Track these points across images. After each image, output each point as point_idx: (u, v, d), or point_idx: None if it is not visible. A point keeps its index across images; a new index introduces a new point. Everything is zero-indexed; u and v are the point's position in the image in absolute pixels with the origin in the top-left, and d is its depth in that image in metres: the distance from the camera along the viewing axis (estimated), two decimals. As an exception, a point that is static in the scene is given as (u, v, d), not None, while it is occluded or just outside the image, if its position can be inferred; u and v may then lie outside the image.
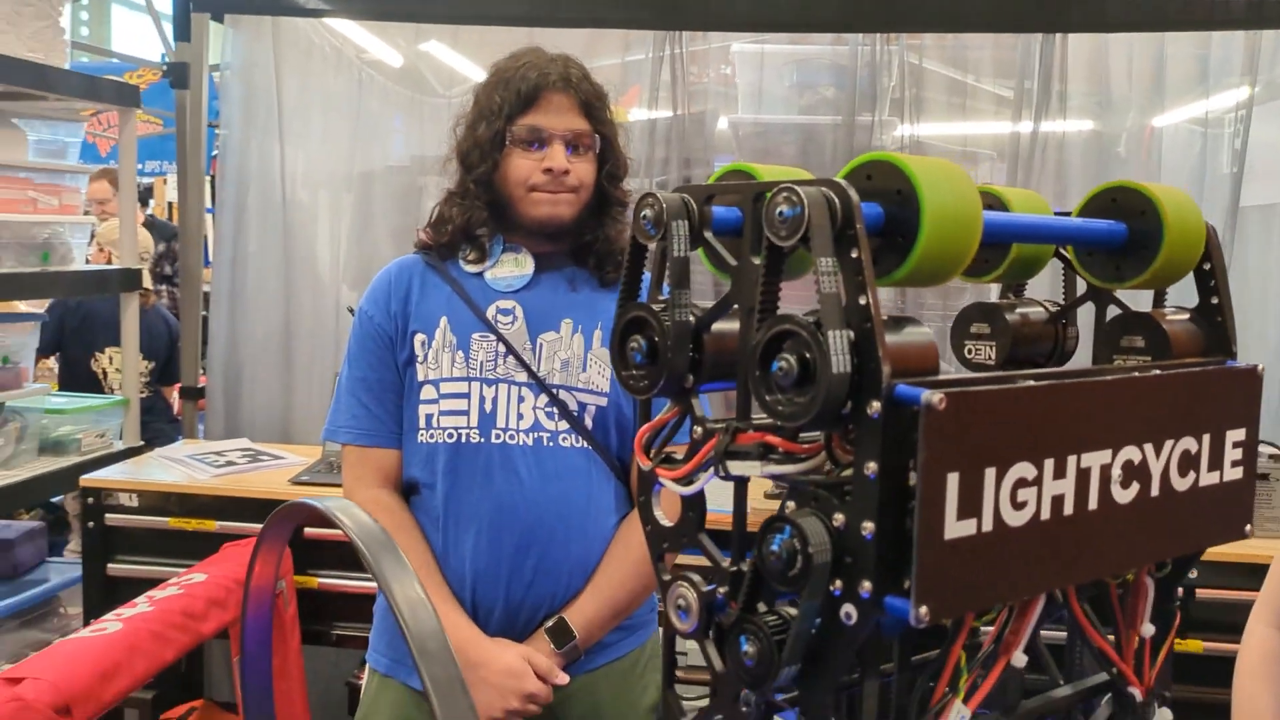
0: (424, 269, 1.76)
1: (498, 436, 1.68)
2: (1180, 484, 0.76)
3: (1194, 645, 2.38)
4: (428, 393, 1.71)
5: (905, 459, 0.61)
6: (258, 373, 3.27)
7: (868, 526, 0.62)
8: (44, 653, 1.82)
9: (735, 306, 0.69)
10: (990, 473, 0.64)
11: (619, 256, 1.75)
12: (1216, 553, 0.94)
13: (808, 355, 0.62)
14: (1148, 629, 0.81)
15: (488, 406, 1.69)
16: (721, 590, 0.70)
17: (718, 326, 0.71)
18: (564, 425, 1.69)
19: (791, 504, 0.66)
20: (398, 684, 1.76)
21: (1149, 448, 0.74)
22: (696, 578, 0.72)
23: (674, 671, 0.82)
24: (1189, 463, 0.77)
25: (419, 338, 1.72)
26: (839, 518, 0.63)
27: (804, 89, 3.13)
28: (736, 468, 0.69)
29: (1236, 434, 0.81)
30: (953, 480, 0.62)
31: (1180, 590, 0.88)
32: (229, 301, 3.26)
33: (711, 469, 0.70)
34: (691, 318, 0.70)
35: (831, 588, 0.63)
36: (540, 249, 1.74)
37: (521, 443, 1.68)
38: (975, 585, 0.64)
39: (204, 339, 3.37)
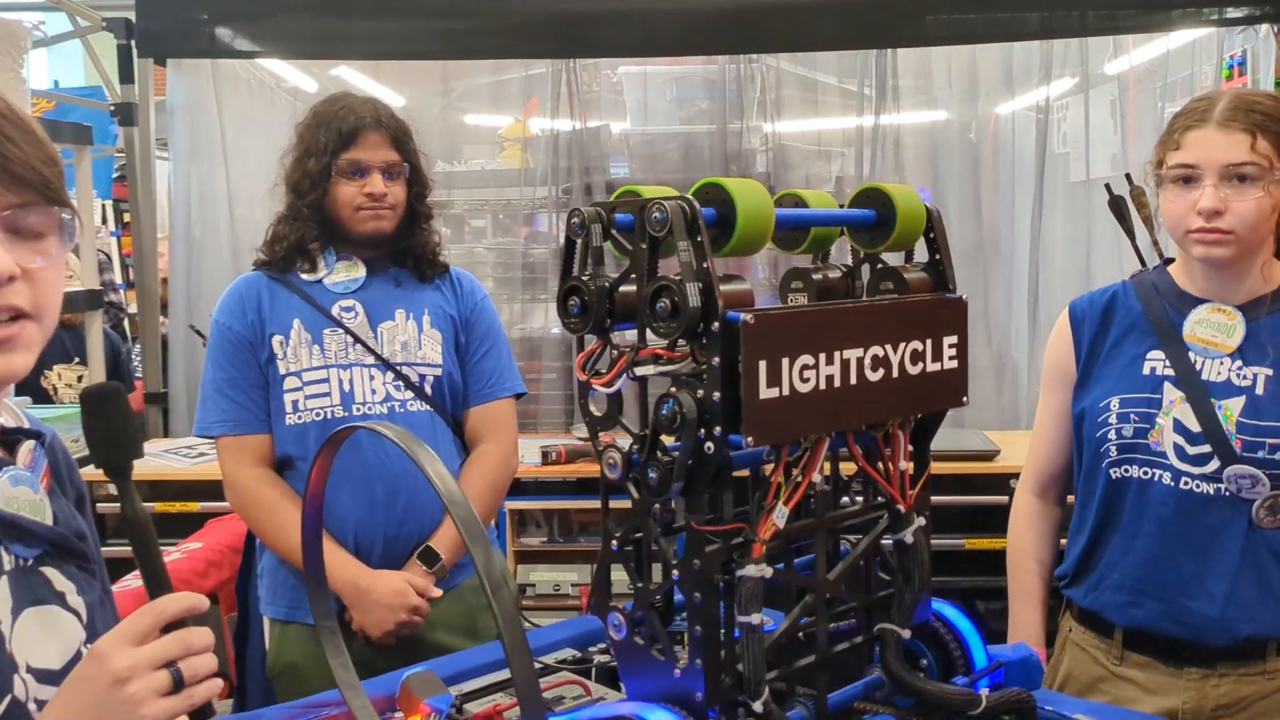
0: (268, 282, 2.19)
1: (358, 410, 2.12)
2: (912, 370, 1.23)
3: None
4: (291, 383, 2.14)
5: (734, 355, 1.07)
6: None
7: (716, 395, 1.07)
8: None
9: (632, 275, 1.14)
10: (785, 360, 1.09)
11: (432, 258, 2.22)
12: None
13: (675, 299, 1.07)
14: (904, 465, 1.28)
15: (346, 387, 2.13)
16: (635, 447, 1.15)
17: (622, 288, 1.16)
18: (409, 394, 2.15)
19: (673, 387, 1.11)
20: (297, 625, 2.16)
21: (889, 347, 1.20)
22: (620, 445, 1.16)
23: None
24: (917, 356, 1.24)
25: (276, 339, 2.14)
26: (700, 392, 1.08)
27: (683, 102, 3.64)
28: (640, 371, 1.14)
29: (951, 339, 1.28)
30: (762, 365, 1.07)
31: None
32: (186, 311, 3.63)
33: (624, 374, 1.15)
34: (606, 283, 1.15)
35: (699, 433, 1.09)
36: (366, 256, 2.19)
37: (378, 412, 2.13)
38: (780, 426, 1.10)
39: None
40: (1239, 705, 1.66)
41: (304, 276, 2.18)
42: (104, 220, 6.78)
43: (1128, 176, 2.30)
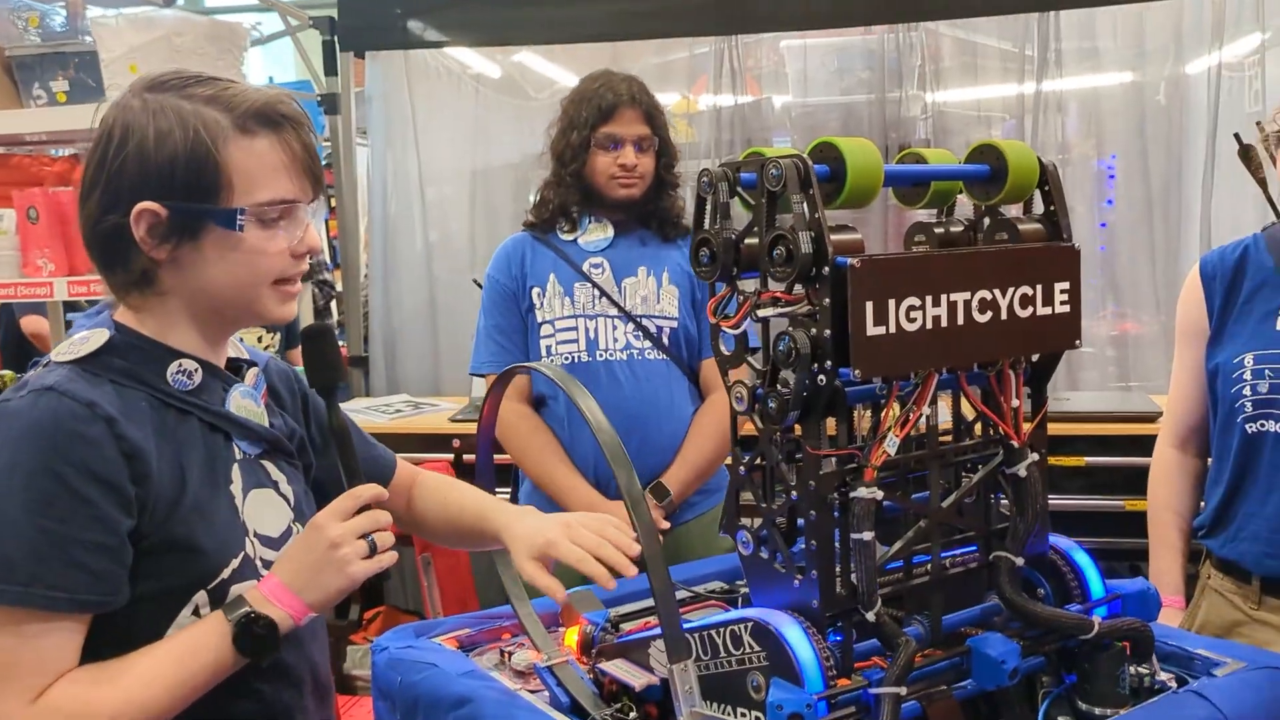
0: (531, 241, 2.46)
1: (600, 356, 2.35)
2: (1022, 313, 1.32)
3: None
4: (546, 330, 2.40)
5: (843, 296, 1.19)
6: (410, 339, 4.00)
7: (827, 332, 1.19)
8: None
9: (755, 227, 1.27)
10: (891, 301, 1.20)
11: (675, 220, 2.41)
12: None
13: (790, 246, 1.20)
14: (1015, 402, 1.37)
15: (591, 335, 2.38)
16: (758, 382, 1.29)
17: (746, 240, 1.29)
18: (648, 344, 2.35)
19: (790, 327, 1.24)
20: None
21: (996, 291, 1.29)
22: (746, 382, 1.30)
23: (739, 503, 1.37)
24: (1027, 300, 1.32)
25: (535, 291, 2.41)
26: (814, 330, 1.21)
27: (844, 73, 3.71)
28: (763, 313, 1.27)
29: (1063, 285, 1.36)
30: (869, 305, 1.19)
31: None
32: (383, 283, 3.98)
33: (749, 317, 1.28)
34: (733, 235, 1.29)
35: (812, 367, 1.21)
36: (616, 218, 2.40)
37: (618, 359, 2.35)
38: (887, 361, 1.21)
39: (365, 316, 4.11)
40: (1374, 649, 1.66)
41: (562, 236, 2.45)
42: (314, 206, 7.31)
43: (1236, 136, 2.25)
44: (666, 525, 2.35)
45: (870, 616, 1.25)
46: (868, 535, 1.24)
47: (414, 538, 3.00)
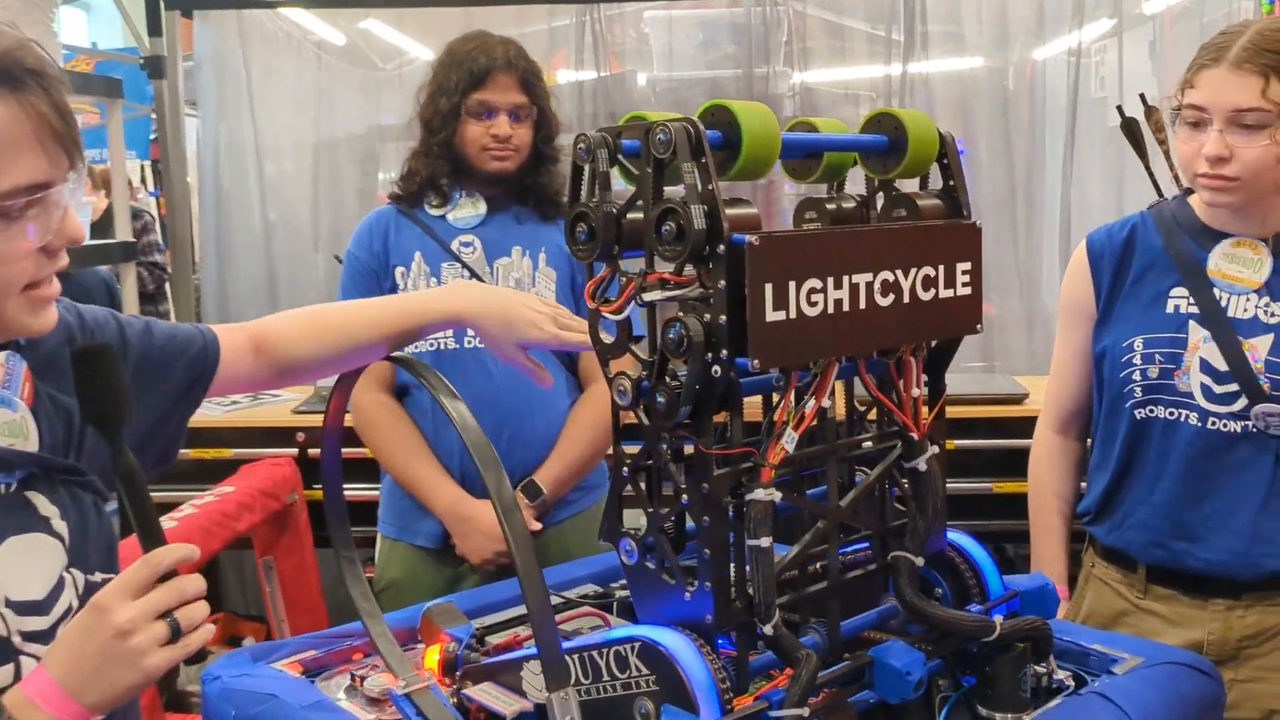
0: (396, 215, 2.24)
1: (469, 343, 2.15)
2: (924, 296, 1.22)
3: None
4: None
5: (740, 277, 1.06)
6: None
7: (722, 318, 1.07)
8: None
9: (639, 200, 1.14)
10: (792, 284, 1.09)
11: (554, 198, 2.23)
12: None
13: (681, 222, 1.07)
14: (915, 391, 1.27)
15: None
16: (644, 374, 1.15)
17: (629, 214, 1.16)
18: None
19: (680, 312, 1.11)
20: (404, 544, 2.23)
21: (899, 272, 1.19)
22: (630, 373, 1.17)
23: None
24: (929, 282, 1.23)
25: (398, 270, 2.20)
26: (707, 316, 1.08)
27: (708, 47, 3.61)
28: (648, 297, 1.13)
29: (964, 265, 1.27)
30: (768, 288, 1.07)
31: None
32: (217, 264, 3.68)
33: (633, 301, 1.15)
34: (613, 209, 1.15)
35: (706, 357, 1.09)
36: (490, 193, 2.21)
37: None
38: (786, 350, 1.10)
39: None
40: (1265, 635, 1.65)
41: (430, 211, 2.23)
42: (143, 181, 6.86)
43: (1141, 97, 2.23)
44: (538, 526, 2.18)
45: (767, 630, 1.14)
46: (765, 541, 1.13)
47: (254, 540, 2.80)
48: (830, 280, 1.12)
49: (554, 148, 2.28)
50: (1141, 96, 2.22)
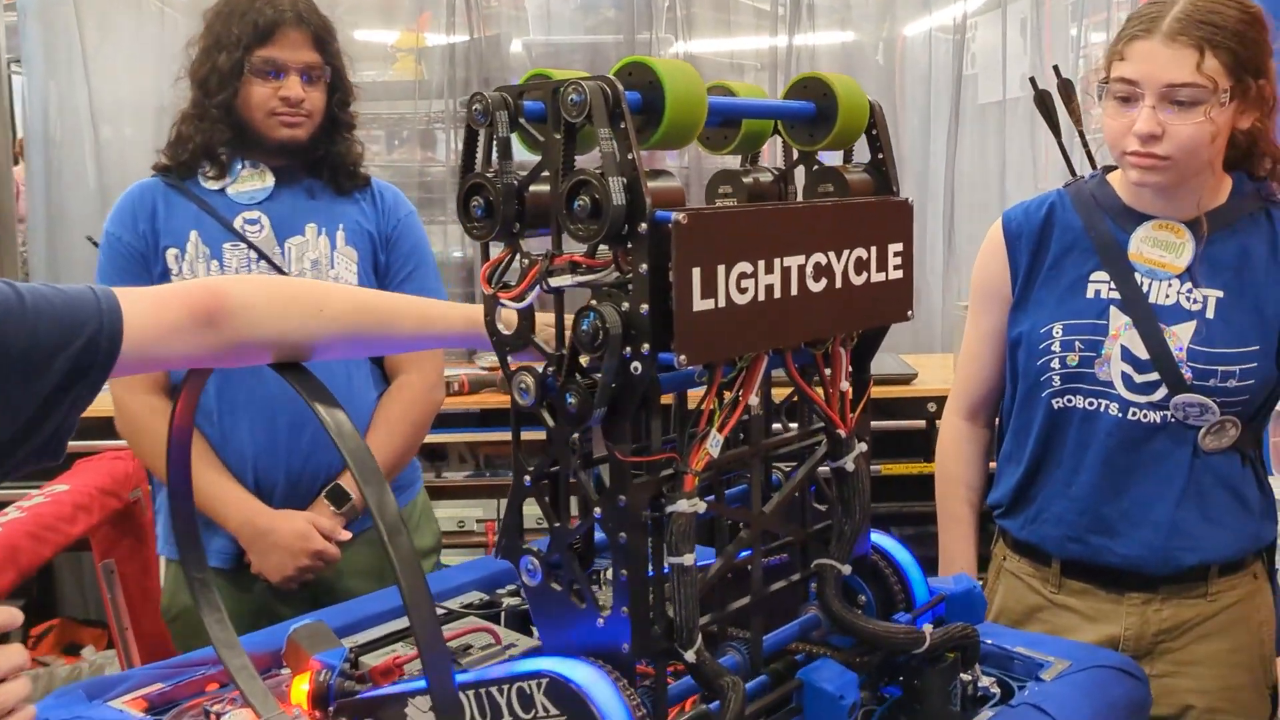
0: (165, 189, 1.96)
1: None
2: (856, 280, 1.11)
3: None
4: None
5: (664, 261, 0.93)
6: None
7: (644, 307, 0.93)
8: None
9: (545, 171, 0.99)
10: (721, 268, 0.96)
11: (352, 169, 2.01)
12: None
13: (597, 196, 0.93)
14: (844, 386, 1.16)
15: None
16: (550, 370, 1.01)
17: (533, 187, 1.01)
18: None
19: (594, 300, 0.96)
20: None
21: (832, 255, 1.08)
22: (534, 369, 1.02)
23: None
24: (862, 265, 1.12)
25: (171, 252, 1.93)
26: (625, 305, 0.94)
27: (588, 10, 3.44)
28: (556, 282, 0.99)
29: (896, 246, 1.16)
30: (696, 273, 0.94)
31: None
32: (45, 236, 3.35)
33: (537, 286, 1.00)
34: (515, 181, 1.00)
35: (624, 352, 0.95)
36: (277, 164, 1.98)
37: None
38: (716, 343, 0.97)
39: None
40: (1180, 629, 1.61)
41: (206, 185, 1.95)
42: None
43: (1055, 69, 2.18)
44: (347, 536, 1.95)
45: (690, 657, 1.02)
46: (688, 558, 1.00)
47: (91, 540, 2.54)
48: (761, 264, 1.00)
49: (349, 114, 2.03)
50: (1056, 69, 2.16)
